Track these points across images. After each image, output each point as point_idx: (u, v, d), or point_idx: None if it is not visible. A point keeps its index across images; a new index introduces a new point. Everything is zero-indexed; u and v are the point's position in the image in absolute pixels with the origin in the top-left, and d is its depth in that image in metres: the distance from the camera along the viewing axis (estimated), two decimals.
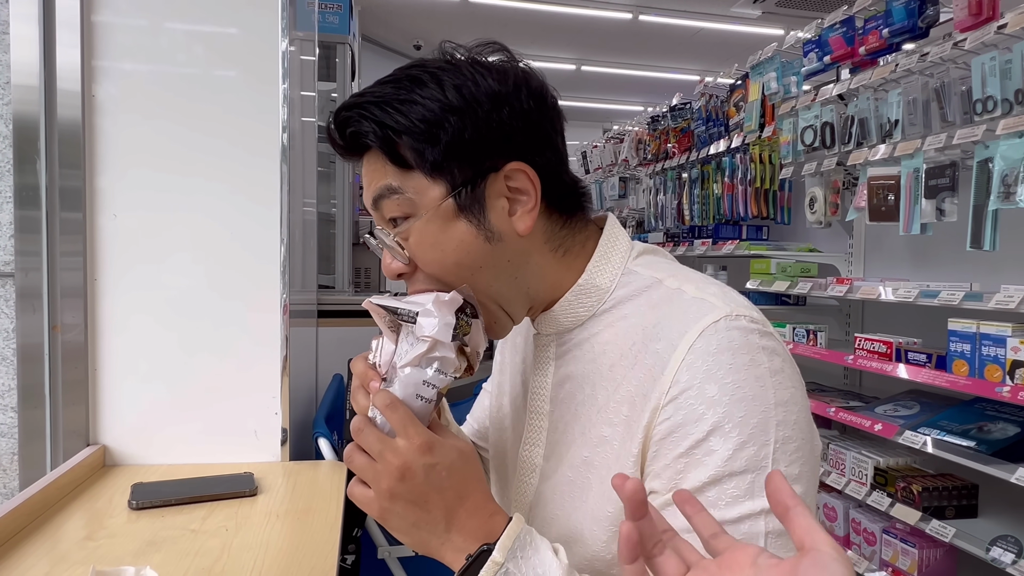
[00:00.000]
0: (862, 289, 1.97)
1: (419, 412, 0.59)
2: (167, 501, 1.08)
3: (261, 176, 1.35)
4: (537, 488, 0.69)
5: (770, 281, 2.38)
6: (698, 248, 2.93)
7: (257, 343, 1.35)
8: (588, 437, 0.64)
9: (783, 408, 0.56)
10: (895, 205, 1.90)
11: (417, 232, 0.62)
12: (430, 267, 0.62)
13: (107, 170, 1.30)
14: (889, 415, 1.97)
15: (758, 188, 2.72)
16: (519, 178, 0.63)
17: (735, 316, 0.58)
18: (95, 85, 1.30)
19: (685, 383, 0.56)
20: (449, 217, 0.61)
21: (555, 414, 0.68)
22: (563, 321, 0.68)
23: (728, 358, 0.56)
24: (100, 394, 1.30)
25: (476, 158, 0.61)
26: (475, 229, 0.62)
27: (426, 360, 0.59)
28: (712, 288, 0.63)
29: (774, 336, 0.60)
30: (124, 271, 1.31)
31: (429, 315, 0.59)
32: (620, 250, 0.68)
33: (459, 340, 0.60)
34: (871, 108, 2.01)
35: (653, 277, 0.66)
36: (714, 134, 2.98)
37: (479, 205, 0.62)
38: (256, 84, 1.35)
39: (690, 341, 0.57)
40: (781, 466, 0.55)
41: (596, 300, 0.66)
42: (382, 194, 0.62)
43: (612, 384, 0.63)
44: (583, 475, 0.64)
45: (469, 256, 0.62)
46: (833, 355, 2.10)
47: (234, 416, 1.33)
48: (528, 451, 0.71)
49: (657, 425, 0.58)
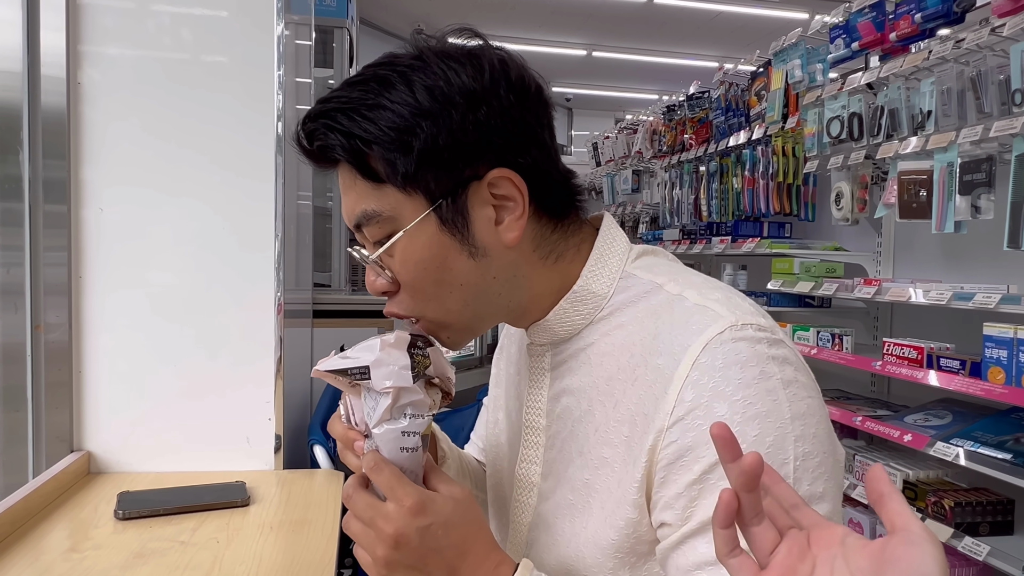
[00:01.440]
0: (891, 291, 1.96)
1: (408, 464, 0.59)
2: (155, 511, 1.08)
3: (255, 168, 1.35)
4: (536, 508, 0.69)
5: (793, 282, 2.37)
6: (716, 246, 2.92)
7: (250, 344, 1.35)
8: (588, 458, 0.63)
9: (800, 422, 0.55)
10: (927, 201, 1.89)
11: (400, 251, 0.61)
12: (412, 286, 0.62)
13: (93, 161, 1.31)
14: (919, 425, 1.97)
15: (780, 183, 2.71)
16: (504, 185, 0.61)
17: (740, 325, 0.57)
18: (80, 71, 1.30)
19: (691, 402, 0.55)
20: (431, 232, 0.60)
21: (552, 429, 0.68)
22: (558, 331, 0.67)
23: (736, 373, 0.55)
24: (85, 397, 1.31)
25: (454, 167, 0.60)
26: (458, 244, 0.61)
27: (396, 411, 0.59)
28: (715, 294, 0.61)
29: (784, 343, 0.59)
30: (111, 268, 1.31)
31: (381, 365, 0.58)
32: (618, 253, 0.67)
33: (422, 377, 0.60)
34: (902, 98, 2.00)
35: (653, 282, 0.64)
36: (734, 125, 2.97)
37: (462, 218, 0.60)
38: (249, 70, 1.35)
39: (694, 356, 0.56)
40: (804, 485, 0.54)
41: (593, 307, 0.65)
42: (360, 222, 0.61)
43: (611, 401, 0.62)
44: (584, 499, 0.64)
45: (451, 274, 0.61)
46: (860, 361, 2.09)
47: (225, 422, 1.34)
48: (525, 469, 0.70)
49: (663, 449, 0.57)
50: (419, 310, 0.64)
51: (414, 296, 0.63)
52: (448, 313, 0.63)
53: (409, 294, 0.63)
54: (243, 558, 0.95)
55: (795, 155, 2.69)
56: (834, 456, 0.58)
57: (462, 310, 0.63)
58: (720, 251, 2.90)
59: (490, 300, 0.64)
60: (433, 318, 0.64)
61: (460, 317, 0.64)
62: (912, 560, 0.37)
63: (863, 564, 0.39)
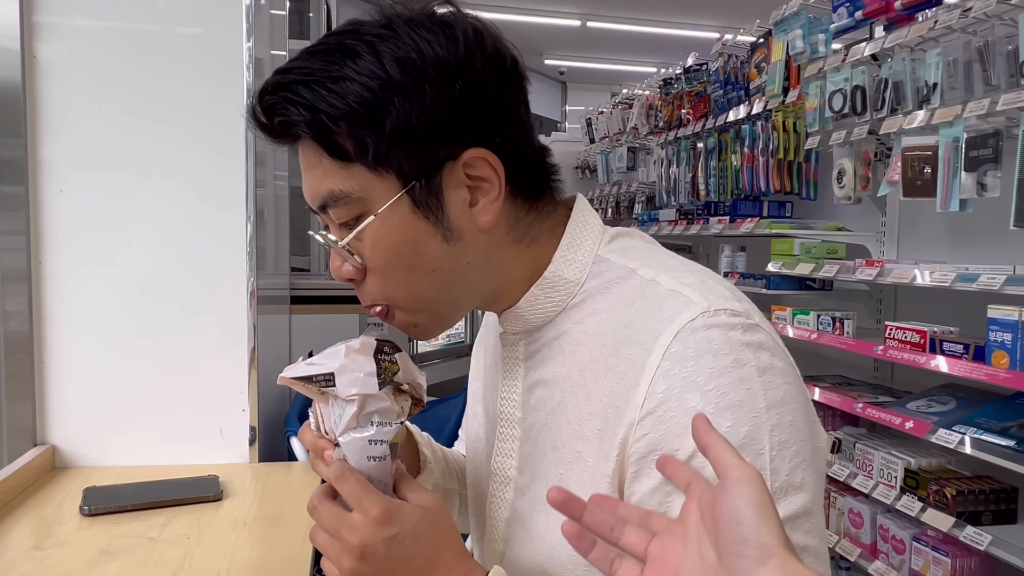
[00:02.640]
0: (894, 272, 1.97)
1: (376, 473, 0.60)
2: (123, 507, 1.09)
3: (225, 146, 1.35)
4: (512, 503, 0.70)
5: (793, 263, 2.38)
6: (714, 226, 2.93)
7: (222, 333, 1.35)
8: (561, 452, 0.64)
9: (776, 410, 0.55)
10: (932, 179, 1.90)
11: (370, 234, 0.60)
12: (382, 272, 0.62)
13: (52, 140, 1.29)
14: (922, 411, 1.99)
15: (781, 160, 2.71)
16: (480, 166, 0.61)
17: (713, 311, 0.57)
18: (38, 43, 1.28)
19: (663, 394, 0.56)
20: (403, 215, 0.60)
21: (527, 422, 0.68)
22: (529, 319, 0.67)
23: (709, 362, 0.55)
24: (48, 389, 1.30)
25: (428, 146, 0.59)
26: (432, 228, 0.61)
27: (363, 419, 0.59)
28: (689, 278, 0.61)
29: (760, 328, 0.59)
30: (72, 252, 1.31)
31: (345, 372, 0.59)
32: (591, 236, 0.67)
33: (390, 384, 0.60)
34: (907, 70, 2.00)
35: (626, 266, 0.64)
36: (733, 99, 2.97)
37: (436, 200, 0.60)
38: (221, 42, 1.34)
39: (664, 345, 0.57)
40: (781, 476, 0.55)
41: (565, 294, 0.66)
42: (326, 203, 0.61)
43: (583, 392, 0.63)
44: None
45: (424, 259, 0.61)
46: (861, 345, 2.10)
47: (197, 413, 1.34)
48: (501, 462, 0.71)
49: (635, 442, 0.57)
50: (389, 297, 0.63)
51: (383, 282, 0.62)
52: (419, 300, 0.63)
53: (379, 280, 0.62)
54: (214, 555, 0.96)
55: (796, 131, 2.68)
56: (813, 444, 0.58)
57: (434, 297, 0.63)
58: (718, 232, 2.90)
59: (463, 286, 0.64)
60: (404, 306, 0.64)
61: (432, 304, 0.64)
62: (730, 510, 0.39)
63: (709, 526, 0.41)
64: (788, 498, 0.54)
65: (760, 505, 0.38)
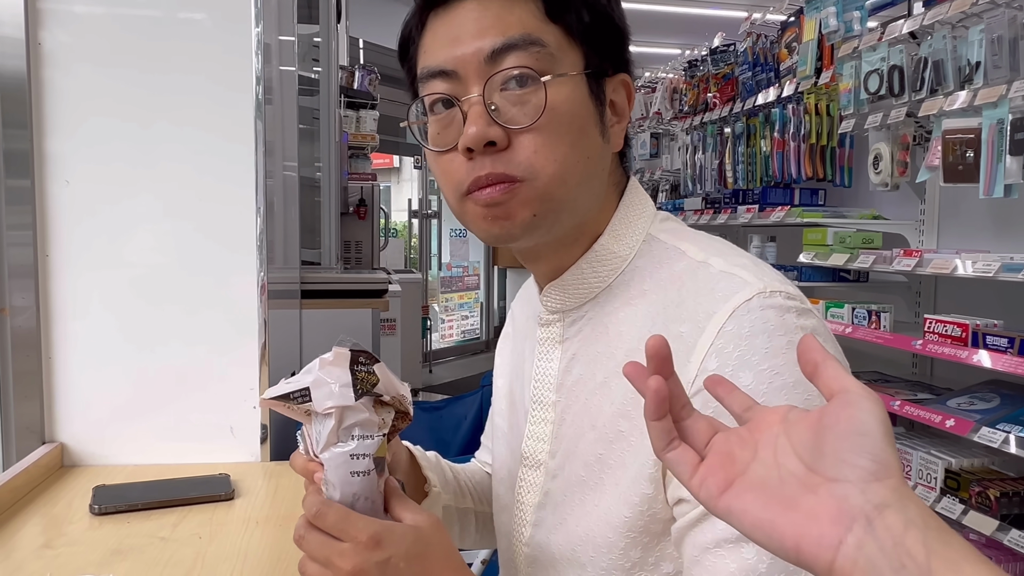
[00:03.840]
0: (934, 262, 1.95)
1: (362, 489, 0.60)
2: (133, 506, 1.11)
3: (233, 136, 1.36)
4: (544, 487, 0.71)
5: (826, 254, 2.36)
6: (742, 216, 2.91)
7: (232, 328, 1.37)
8: (602, 432, 0.65)
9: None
10: (975, 163, 1.87)
11: (560, 90, 0.63)
12: (543, 138, 0.62)
13: (58, 130, 1.32)
14: (963, 409, 1.97)
15: (813, 145, 2.69)
16: (620, 92, 0.68)
17: (769, 293, 0.59)
18: (42, 31, 1.31)
19: (715, 372, 0.57)
20: (583, 92, 0.64)
21: (562, 404, 0.70)
22: (572, 292, 0.69)
23: (763, 341, 0.57)
24: (56, 386, 1.33)
25: (608, 46, 0.66)
26: (597, 118, 0.66)
27: (342, 433, 0.60)
28: (742, 260, 0.63)
29: (813, 314, 0.60)
30: (80, 246, 1.33)
31: (321, 384, 0.59)
32: (644, 215, 0.70)
33: (369, 395, 0.60)
34: (948, 48, 1.97)
35: (677, 247, 0.67)
36: (762, 81, 2.94)
37: (601, 98, 0.66)
38: (229, 28, 1.35)
39: (719, 323, 0.58)
40: None
41: (611, 270, 0.68)
42: (517, 43, 0.62)
43: None
44: (596, 475, 0.65)
45: (585, 140, 0.65)
46: (899, 340, 2.09)
47: (208, 411, 1.36)
48: (532, 446, 0.72)
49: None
50: (533, 168, 0.62)
51: (538, 150, 0.62)
52: (560, 184, 0.63)
53: (534, 147, 0.62)
54: (227, 555, 0.97)
55: (829, 114, 2.66)
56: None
57: (572, 188, 0.64)
58: (747, 221, 2.89)
59: (590, 190, 0.67)
60: (542, 185, 0.63)
61: (564, 195, 0.64)
62: (851, 419, 0.38)
63: (804, 436, 0.40)
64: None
65: (885, 424, 0.38)
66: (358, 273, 3.05)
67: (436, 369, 6.79)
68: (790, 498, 0.39)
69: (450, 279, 7.60)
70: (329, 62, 2.96)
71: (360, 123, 3.70)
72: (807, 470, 0.39)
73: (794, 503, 0.38)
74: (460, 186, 0.65)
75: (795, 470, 0.39)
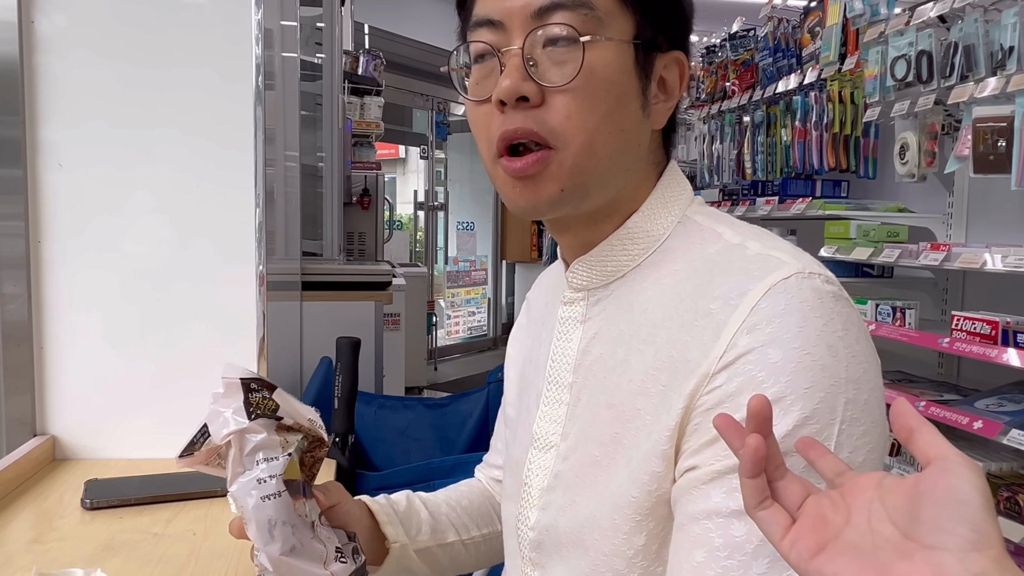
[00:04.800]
0: (962, 257, 1.93)
1: (276, 513, 0.60)
2: (126, 500, 1.11)
3: (232, 123, 1.36)
4: (553, 469, 0.70)
5: (849, 248, 2.34)
6: (762, 208, 2.90)
7: (230, 320, 1.37)
8: (619, 410, 0.65)
9: (854, 385, 0.57)
10: (1007, 153, 1.85)
11: (601, 54, 0.63)
12: (579, 101, 0.62)
13: (52, 117, 1.32)
14: (992, 411, 1.95)
15: (836, 134, 2.66)
16: (673, 71, 0.69)
17: (808, 274, 0.59)
18: (35, 13, 1.31)
19: (744, 347, 0.57)
20: (628, 61, 0.65)
21: (578, 385, 0.70)
22: (599, 270, 0.70)
23: (797, 319, 0.57)
24: (48, 377, 1.34)
25: (660, 23, 0.67)
26: (639, 91, 0.66)
27: (246, 460, 0.60)
28: (780, 243, 0.64)
29: (850, 303, 0.61)
30: (74, 235, 1.34)
31: (216, 417, 0.61)
32: (681, 197, 0.71)
33: (268, 418, 0.61)
34: (979, 32, 1.95)
35: (713, 230, 0.67)
36: (783, 68, 2.92)
37: (648, 71, 0.66)
38: (229, 12, 1.35)
39: (754, 300, 0.58)
40: (844, 451, 0.56)
41: (643, 248, 0.68)
42: (565, 3, 0.62)
43: (651, 349, 0.64)
44: (610, 454, 0.65)
45: (622, 111, 0.65)
46: (925, 338, 2.07)
47: (203, 404, 1.36)
48: (543, 427, 0.72)
49: (704, 394, 0.58)
50: (565, 134, 0.63)
51: (573, 115, 0.63)
52: (591, 154, 0.64)
53: (568, 110, 0.62)
54: (222, 551, 0.98)
55: (854, 102, 2.64)
56: (881, 430, 0.59)
57: (603, 160, 0.65)
58: (766, 213, 2.87)
59: (622, 165, 0.67)
60: (573, 154, 0.63)
61: (594, 168, 0.65)
62: (950, 488, 0.38)
63: (899, 502, 0.40)
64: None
65: (985, 494, 0.38)
66: (360, 265, 3.06)
67: (441, 367, 6.80)
68: (885, 564, 0.39)
69: (457, 274, 7.60)
70: (333, 46, 2.96)
71: (364, 110, 3.70)
72: (903, 537, 0.39)
73: (889, 569, 0.39)
74: (491, 143, 0.65)
75: (890, 536, 0.40)
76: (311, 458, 0.68)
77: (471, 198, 7.84)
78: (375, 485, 1.64)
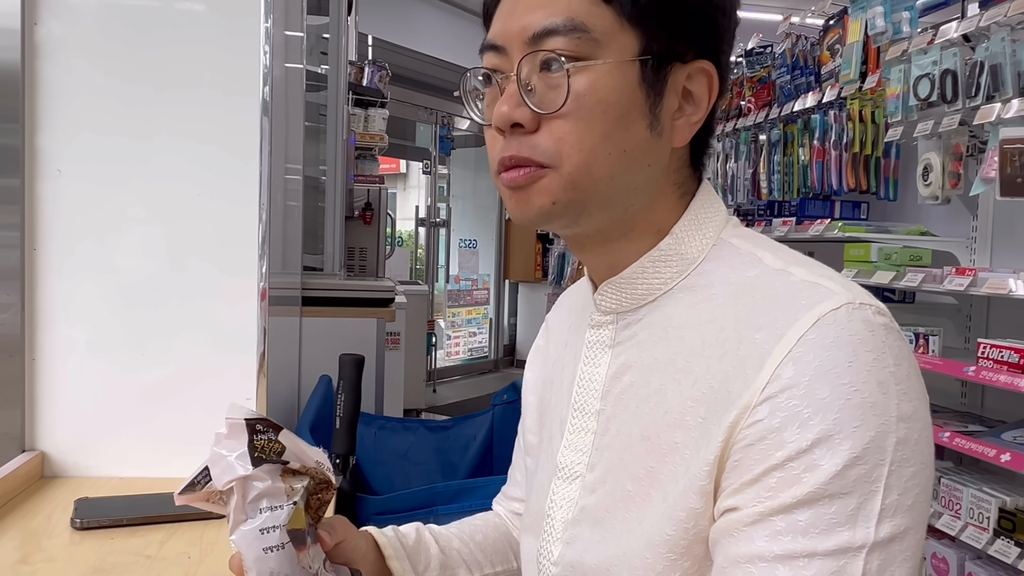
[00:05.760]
0: (988, 282, 1.92)
1: (278, 565, 0.60)
2: (118, 521, 1.10)
3: (236, 134, 1.37)
4: (579, 502, 0.69)
5: (870, 271, 2.34)
6: (778, 229, 2.90)
7: (229, 335, 1.37)
8: (655, 443, 0.64)
9: (905, 424, 0.56)
10: None
11: (591, 78, 0.62)
12: (574, 124, 0.63)
13: (50, 126, 1.33)
14: (1020, 443, 1.93)
15: (856, 154, 2.67)
16: (700, 82, 0.66)
17: (859, 304, 0.58)
18: (38, 21, 1.32)
19: (789, 380, 0.56)
20: (630, 80, 0.64)
21: (607, 413, 0.69)
22: (631, 292, 0.69)
23: (847, 354, 0.55)
24: (39, 391, 1.33)
25: (677, 33, 0.64)
26: (645, 110, 0.64)
27: (249, 508, 0.60)
28: (826, 271, 0.63)
29: (903, 336, 0.59)
30: (70, 245, 1.34)
31: (218, 460, 0.60)
32: (716, 218, 0.70)
33: (272, 462, 0.60)
34: (1006, 52, 1.96)
35: (752, 254, 0.66)
36: (801, 85, 2.94)
37: (659, 87, 0.65)
38: (231, 21, 1.36)
39: (801, 330, 0.57)
40: (894, 493, 0.54)
41: (676, 272, 0.67)
42: (558, 28, 0.62)
43: (689, 379, 0.63)
44: (645, 489, 0.64)
45: (623, 132, 0.64)
46: (949, 366, 2.06)
47: (200, 422, 1.35)
48: (569, 457, 0.71)
49: (745, 428, 0.57)
50: (559, 155, 0.63)
51: (568, 137, 0.63)
52: (587, 175, 0.64)
53: (563, 132, 0.63)
54: (218, 575, 0.96)
55: (875, 121, 2.65)
56: (928, 472, 0.58)
57: (602, 180, 0.64)
58: (782, 235, 2.87)
59: (627, 186, 0.66)
60: (566, 174, 0.64)
61: (592, 187, 0.64)
62: None
63: None
64: (894, 519, 0.54)
65: None
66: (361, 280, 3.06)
67: (441, 389, 6.78)
68: None
69: (458, 292, 7.60)
70: (338, 57, 2.99)
71: (369, 122, 3.72)
72: None
73: None
74: (493, 163, 0.67)
75: None
76: (317, 500, 0.67)
77: (474, 215, 7.86)
78: (376, 510, 1.62)
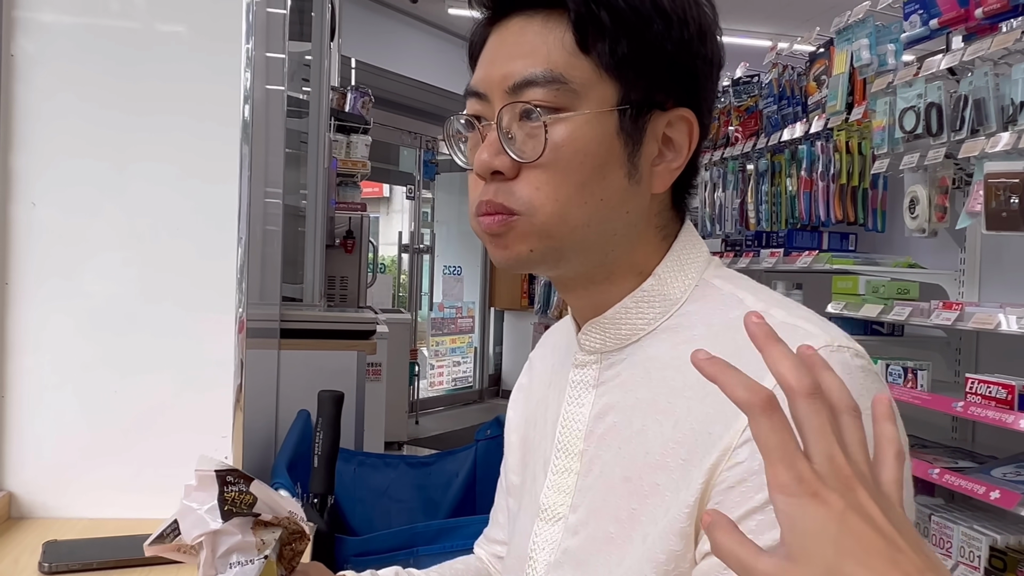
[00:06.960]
0: (976, 316, 1.96)
1: None
2: (87, 565, 1.09)
3: (216, 159, 1.38)
4: (561, 544, 0.70)
5: (857, 304, 2.37)
6: (766, 260, 2.93)
7: (205, 369, 1.37)
8: (636, 485, 0.65)
9: None
10: (1020, 210, 1.90)
11: (569, 129, 0.65)
12: (551, 174, 0.65)
13: (24, 147, 1.33)
14: (1009, 479, 1.95)
15: (844, 185, 2.71)
16: (680, 129, 0.69)
17: (836, 347, 0.60)
18: (13, 42, 1.33)
19: None
20: (608, 130, 0.66)
21: (590, 454, 0.70)
22: (614, 333, 0.70)
23: None
24: (7, 429, 1.32)
25: (657, 79, 0.67)
26: (623, 158, 0.67)
27: (219, 563, 0.61)
28: (804, 312, 0.66)
29: (879, 378, 0.62)
30: (42, 274, 1.33)
31: (188, 514, 0.61)
32: (698, 259, 0.72)
33: (243, 515, 0.61)
34: (990, 86, 2.01)
35: (734, 295, 0.69)
36: (788, 116, 2.99)
37: (637, 136, 0.67)
38: (211, 43, 1.38)
39: None
40: None
41: (659, 312, 0.70)
42: (537, 80, 0.65)
43: (670, 420, 0.64)
44: (626, 531, 0.65)
45: (600, 182, 0.66)
46: (938, 401, 2.08)
47: (174, 460, 1.35)
48: (551, 498, 0.72)
49: (726, 470, 0.58)
50: (533, 205, 0.66)
51: (544, 186, 0.65)
52: (562, 223, 0.66)
53: (539, 182, 0.65)
54: None
55: (861, 153, 2.70)
56: (911, 509, 0.60)
57: (577, 228, 0.66)
58: (770, 266, 2.90)
59: (605, 233, 0.68)
60: (539, 222, 0.66)
61: (568, 235, 0.66)
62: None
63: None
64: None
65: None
66: (342, 312, 3.05)
67: (423, 420, 6.74)
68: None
69: (442, 321, 7.59)
70: (320, 82, 3.01)
71: (351, 148, 3.74)
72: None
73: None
74: (472, 204, 0.70)
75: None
76: (291, 551, 0.67)
77: (459, 241, 7.88)
78: (355, 551, 1.61)
